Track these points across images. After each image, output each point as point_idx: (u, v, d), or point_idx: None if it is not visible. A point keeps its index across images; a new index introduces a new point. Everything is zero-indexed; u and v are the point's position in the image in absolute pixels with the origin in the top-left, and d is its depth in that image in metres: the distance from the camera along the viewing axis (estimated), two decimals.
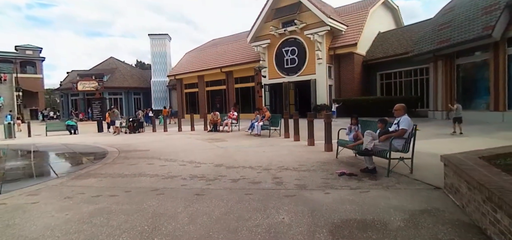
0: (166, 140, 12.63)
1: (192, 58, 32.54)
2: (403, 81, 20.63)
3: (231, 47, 28.92)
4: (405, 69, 20.33)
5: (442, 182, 4.48)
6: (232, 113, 15.12)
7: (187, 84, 32.03)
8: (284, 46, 22.07)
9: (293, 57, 21.67)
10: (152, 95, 36.30)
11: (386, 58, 20.64)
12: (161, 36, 36.68)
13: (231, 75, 27.19)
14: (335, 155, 7.19)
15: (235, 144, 10.17)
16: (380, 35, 23.81)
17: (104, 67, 39.48)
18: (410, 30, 21.73)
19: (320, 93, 20.61)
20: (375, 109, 18.19)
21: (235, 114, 15.08)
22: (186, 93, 32.34)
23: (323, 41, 20.33)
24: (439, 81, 16.31)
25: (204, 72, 29.00)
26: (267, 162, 6.83)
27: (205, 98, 29.91)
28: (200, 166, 6.65)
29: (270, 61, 22.99)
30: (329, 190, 4.58)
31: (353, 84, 20.70)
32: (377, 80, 22.10)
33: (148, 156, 8.37)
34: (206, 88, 29.86)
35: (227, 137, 12.47)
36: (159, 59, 36.47)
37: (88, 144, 12.23)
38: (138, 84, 38.02)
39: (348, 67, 20.80)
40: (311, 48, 20.77)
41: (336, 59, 21.18)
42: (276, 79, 22.66)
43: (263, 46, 22.89)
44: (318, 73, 20.63)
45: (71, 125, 19.84)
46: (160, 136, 14.64)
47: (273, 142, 10.26)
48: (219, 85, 28.60)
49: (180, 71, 31.83)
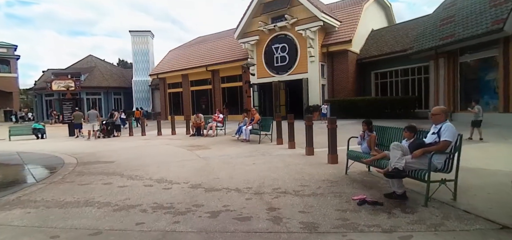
0: (140, 147, 10.96)
1: (176, 56, 30.73)
2: (400, 80, 19.50)
3: (217, 44, 27.30)
4: (402, 67, 19.20)
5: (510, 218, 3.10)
6: (217, 115, 13.55)
7: (170, 83, 30.20)
8: (274, 43, 20.63)
9: (284, 55, 20.26)
10: (134, 96, 34.28)
11: (382, 56, 19.47)
12: (143, 33, 34.71)
13: (217, 74, 25.57)
14: (341, 168, 5.76)
15: (219, 153, 8.61)
16: (374, 33, 22.69)
17: (82, 65, 37.13)
18: (406, 27, 20.66)
19: (313, 94, 19.26)
20: (371, 110, 17.01)
21: (221, 117, 13.52)
22: (169, 93, 30.50)
23: (315, 37, 18.99)
24: (440, 80, 15.19)
25: (188, 71, 27.27)
26: (259, 180, 5.32)
27: (189, 99, 28.17)
28: (171, 188, 5.07)
29: (259, 59, 21.51)
30: (352, 234, 3.10)
31: (348, 84, 19.44)
32: (372, 79, 20.93)
33: (109, 171, 6.72)
34: (190, 88, 28.12)
35: (211, 143, 10.90)
36: (141, 57, 34.49)
37: (46, 152, 10.42)
38: (118, 83, 35.88)
39: (342, 66, 19.53)
40: (303, 45, 19.40)
41: (329, 57, 19.88)
42: (266, 79, 21.19)
43: (251, 43, 21.39)
44: (310, 72, 19.27)
45: (38, 128, 17.79)
46: (135, 142, 12.94)
47: (264, 150, 8.76)
48: (205, 85, 26.93)
49: (163, 69, 29.97)
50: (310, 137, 7.64)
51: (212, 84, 26.01)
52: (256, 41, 21.26)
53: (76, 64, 38.13)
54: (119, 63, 55.76)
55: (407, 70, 19.16)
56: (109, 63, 41.87)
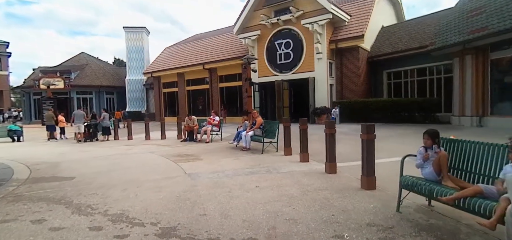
0: (118, 156, 9.08)
1: (172, 53, 28.88)
2: (416, 80, 17.66)
3: (215, 41, 25.47)
4: (418, 66, 17.36)
5: None
6: (212, 118, 11.68)
7: (165, 83, 28.34)
8: (277, 39, 18.79)
9: (288, 52, 18.42)
10: (127, 95, 32.39)
11: (397, 53, 17.63)
12: (137, 29, 32.85)
13: (215, 72, 23.72)
14: (385, 199, 3.95)
15: (212, 168, 6.72)
16: (385, 30, 20.90)
17: (73, 63, 35.23)
18: (422, 22, 18.85)
19: (320, 94, 17.42)
20: (386, 113, 15.20)
21: (217, 120, 11.66)
22: (164, 93, 28.64)
23: (323, 32, 17.16)
24: (467, 80, 13.34)
25: (184, 69, 25.40)
26: (267, 221, 3.45)
27: (185, 99, 26.31)
28: (129, 235, 3.20)
29: (260, 56, 19.67)
30: None
31: (358, 84, 17.60)
32: (384, 79, 19.10)
33: (57, 195, 4.84)
34: (186, 88, 26.26)
35: (203, 152, 9.04)
36: (136, 55, 32.61)
37: (4, 161, 8.53)
38: (111, 82, 33.98)
39: (352, 64, 17.69)
40: (309, 41, 17.57)
41: (338, 55, 18.05)
42: (268, 77, 19.35)
43: (252, 39, 19.55)
44: (317, 70, 17.43)
45: (14, 130, 15.93)
46: (116, 148, 11.06)
47: (270, 164, 6.89)
48: (202, 85, 25.07)
49: (157, 67, 28.10)
50: (332, 148, 5.79)
51: (210, 84, 24.16)
52: (257, 37, 19.42)
53: (67, 62, 36.23)
54: (115, 62, 53.88)
55: (424, 69, 17.32)
56: (103, 61, 39.96)
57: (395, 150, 8.25)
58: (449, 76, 16.12)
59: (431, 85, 16.94)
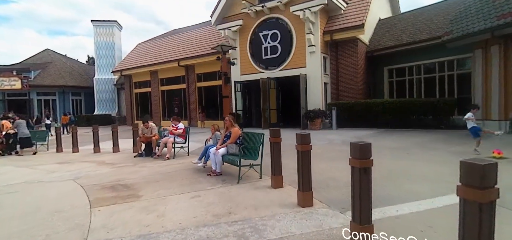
0: (14, 188, 6.08)
1: (145, 49, 25.68)
2: (423, 78, 15.24)
3: (192, 35, 22.48)
4: (426, 62, 14.95)
5: None
6: (174, 126, 8.76)
7: (137, 82, 25.15)
8: (263, 30, 16.03)
9: (275, 45, 15.68)
10: (96, 96, 28.96)
11: (401, 47, 15.17)
12: (107, 23, 29.46)
13: (192, 70, 20.75)
14: None
15: (144, 221, 3.84)
16: (383, 22, 18.51)
17: (35, 61, 31.46)
18: (429, 11, 16.52)
19: (313, 95, 14.76)
20: (392, 117, 12.71)
21: (181, 128, 8.73)
22: (136, 94, 25.43)
23: (316, 21, 14.53)
24: (493, 76, 10.96)
25: (158, 66, 22.28)
26: None
27: (159, 100, 23.21)
28: None
29: (243, 50, 16.88)
30: None
31: (356, 83, 15.03)
32: (385, 77, 16.63)
33: None
34: (161, 88, 23.15)
35: (152, 179, 6.15)
36: (105, 51, 29.24)
37: None
38: (79, 82, 30.38)
39: (350, 59, 15.11)
40: (300, 32, 14.90)
41: (333, 48, 15.44)
42: (252, 75, 16.56)
43: (233, 30, 16.70)
44: (309, 65, 14.78)
45: None
46: (33, 169, 8.00)
47: (248, 210, 4.07)
48: (178, 84, 22.03)
49: (127, 65, 24.85)
50: (306, 173, 3.77)
51: (186, 83, 21.16)
52: (239, 28, 16.60)
53: (28, 59, 32.40)
54: (89, 61, 49.85)
55: (433, 65, 14.92)
56: (71, 59, 36.12)
57: (431, 175, 5.63)
58: (464, 72, 13.81)
59: (441, 83, 14.53)
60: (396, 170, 6.04)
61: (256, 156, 5.70)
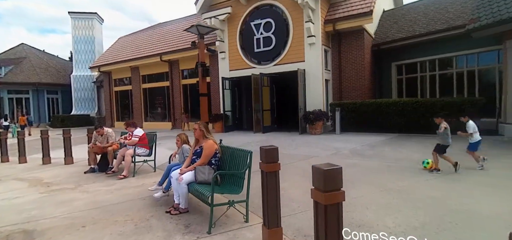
0: None
1: (126, 44, 23.39)
2: (438, 75, 13.35)
3: (176, 28, 20.26)
4: (442, 56, 13.06)
5: None
6: (130, 134, 6.62)
7: (117, 79, 22.86)
8: (254, 18, 13.96)
9: (268, 36, 13.62)
10: (73, 95, 26.54)
11: (413, 39, 13.25)
12: (86, 15, 27.04)
13: (177, 66, 18.59)
14: None
15: None
16: (389, 13, 16.65)
17: (8, 56, 28.83)
18: (440, 1, 14.58)
19: (313, 93, 12.76)
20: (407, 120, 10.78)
21: (139, 134, 6.56)
22: (116, 92, 23.12)
23: (317, 7, 12.53)
24: None
25: (138, 61, 20.03)
26: None
27: (141, 99, 20.96)
28: None
29: (232, 42, 14.79)
30: None
31: (363, 80, 13.06)
32: (393, 74, 14.72)
33: None
34: (142, 85, 20.91)
35: (80, 221, 4.02)
36: (84, 46, 26.84)
37: None
38: (55, 79, 27.86)
39: (355, 53, 13.13)
40: (298, 20, 12.88)
41: (336, 40, 13.45)
42: (242, 71, 14.48)
43: (220, 19, 14.58)
44: (309, 59, 12.77)
45: None
46: None
47: None
48: (161, 81, 19.84)
49: (107, 60, 22.52)
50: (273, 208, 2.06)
51: (170, 80, 18.98)
52: (227, 16, 14.49)
53: (1, 54, 29.74)
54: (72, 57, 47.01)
55: (450, 60, 13.06)
56: (49, 54, 33.39)
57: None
58: (486, 67, 11.97)
59: (459, 81, 12.65)
60: (457, 210, 4.02)
61: (240, 187, 3.63)
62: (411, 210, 3.90)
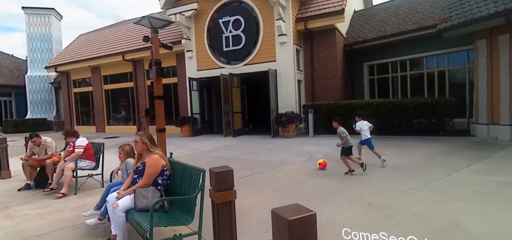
0: None
1: (86, 42, 21.74)
2: (408, 75, 13.28)
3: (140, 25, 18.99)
4: (412, 56, 13.00)
5: None
6: (72, 145, 5.65)
7: (76, 80, 21.17)
8: (223, 16, 13.19)
9: (238, 34, 12.91)
10: (28, 97, 24.34)
11: (384, 39, 13.09)
12: (43, 11, 24.90)
13: (141, 66, 17.39)
14: None
15: None
16: (360, 13, 16.55)
17: None
18: (411, 1, 14.56)
19: (285, 94, 12.21)
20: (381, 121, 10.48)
21: (83, 144, 5.62)
22: (75, 93, 21.41)
23: (288, 5, 11.99)
24: (500, 72, 9.02)
25: (99, 60, 18.56)
26: None
27: (103, 102, 19.49)
28: None
29: (199, 40, 13.92)
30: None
31: (335, 80, 12.69)
32: (365, 74, 14.53)
33: None
34: (104, 87, 19.44)
35: None
36: (40, 44, 24.70)
37: None
38: (7, 80, 25.42)
39: (327, 52, 12.74)
40: (268, 18, 12.29)
41: (308, 39, 13.00)
42: (211, 71, 13.66)
43: (186, 16, 13.67)
44: (280, 59, 12.20)
45: None
46: None
47: None
48: (124, 82, 18.53)
49: (64, 59, 20.77)
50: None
51: (134, 81, 17.74)
52: (194, 12, 13.61)
53: None
54: None
55: (421, 60, 13.02)
56: (2, 53, 30.46)
57: None
58: (456, 68, 12.01)
59: (430, 81, 12.62)
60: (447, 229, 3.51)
61: (190, 216, 2.87)
62: (401, 230, 3.34)
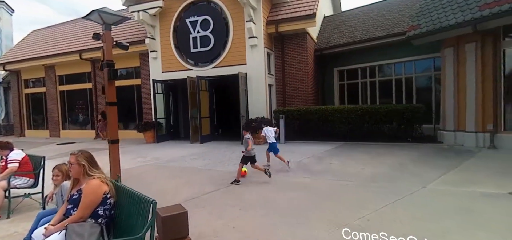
0: None
1: (40, 39, 19.92)
2: (378, 81, 13.35)
3: None
4: (381, 62, 13.09)
5: None
6: (4, 160, 4.76)
7: (28, 80, 19.31)
8: (190, 15, 12.48)
9: (206, 34, 12.25)
10: None
11: (355, 44, 13.06)
12: None
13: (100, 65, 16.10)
14: None
15: None
16: (330, 19, 16.55)
17: None
18: (379, 8, 14.76)
19: (256, 99, 11.73)
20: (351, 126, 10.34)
21: (18, 159, 4.74)
22: (27, 94, 19.50)
23: (258, 7, 11.55)
24: (469, 79, 9.15)
25: (54, 59, 16.97)
26: None
27: (58, 104, 17.86)
28: None
29: (164, 40, 13.08)
30: None
31: (306, 85, 12.44)
32: (335, 80, 14.46)
33: None
34: (59, 87, 17.84)
35: None
36: None
37: None
38: None
39: (298, 57, 12.45)
40: (238, 20, 11.77)
41: (279, 43, 12.64)
42: (177, 73, 12.86)
43: (150, 13, 12.78)
44: (251, 62, 11.72)
45: None
46: None
47: None
48: (82, 83, 17.11)
49: (14, 57, 18.85)
50: None
51: (93, 82, 16.43)
52: (158, 10, 12.75)
53: None
54: None
55: (389, 66, 13.13)
56: None
57: None
58: (423, 75, 12.23)
59: (398, 87, 12.75)
60: None
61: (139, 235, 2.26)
62: None
